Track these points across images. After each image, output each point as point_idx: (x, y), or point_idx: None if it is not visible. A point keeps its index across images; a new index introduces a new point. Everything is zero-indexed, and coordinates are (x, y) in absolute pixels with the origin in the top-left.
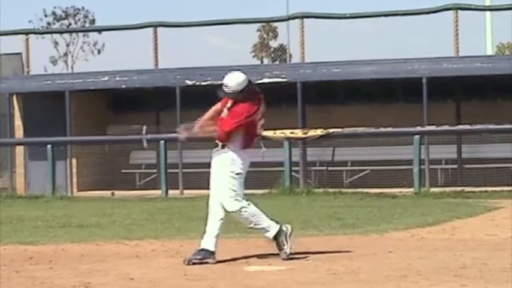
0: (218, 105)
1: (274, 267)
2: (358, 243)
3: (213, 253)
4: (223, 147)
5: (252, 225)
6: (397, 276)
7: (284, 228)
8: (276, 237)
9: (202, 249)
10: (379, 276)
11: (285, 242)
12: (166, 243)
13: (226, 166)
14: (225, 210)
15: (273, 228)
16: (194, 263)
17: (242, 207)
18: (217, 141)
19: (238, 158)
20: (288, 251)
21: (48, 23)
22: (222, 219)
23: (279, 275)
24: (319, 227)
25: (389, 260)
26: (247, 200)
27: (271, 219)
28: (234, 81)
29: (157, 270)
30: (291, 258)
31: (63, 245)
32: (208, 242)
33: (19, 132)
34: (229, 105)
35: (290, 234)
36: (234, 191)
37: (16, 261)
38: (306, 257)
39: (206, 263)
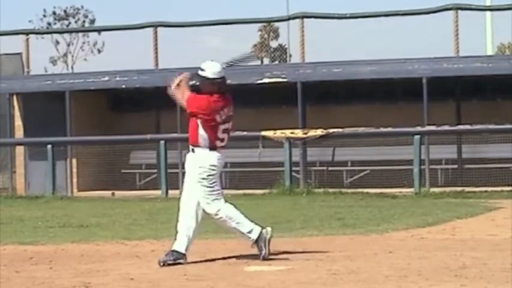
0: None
1: (274, 268)
2: (359, 244)
3: (183, 255)
4: (192, 150)
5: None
6: (397, 276)
7: (264, 232)
8: (256, 241)
9: (174, 251)
10: (379, 276)
11: (263, 247)
12: (167, 244)
13: (194, 169)
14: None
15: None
16: (169, 264)
17: (218, 210)
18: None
19: (205, 160)
20: (265, 256)
21: (49, 23)
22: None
23: (279, 275)
24: (320, 227)
25: (389, 260)
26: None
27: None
28: (210, 68)
29: (158, 271)
30: (272, 259)
31: (63, 245)
32: (179, 244)
33: (19, 132)
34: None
35: (269, 239)
36: (209, 194)
37: (16, 261)
38: (306, 257)
39: (179, 263)
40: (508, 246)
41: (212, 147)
